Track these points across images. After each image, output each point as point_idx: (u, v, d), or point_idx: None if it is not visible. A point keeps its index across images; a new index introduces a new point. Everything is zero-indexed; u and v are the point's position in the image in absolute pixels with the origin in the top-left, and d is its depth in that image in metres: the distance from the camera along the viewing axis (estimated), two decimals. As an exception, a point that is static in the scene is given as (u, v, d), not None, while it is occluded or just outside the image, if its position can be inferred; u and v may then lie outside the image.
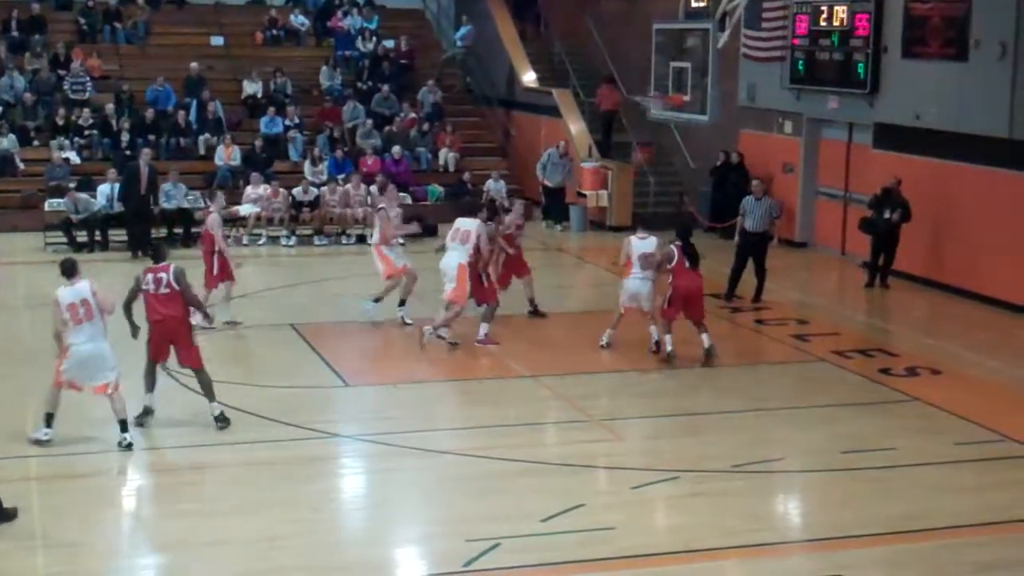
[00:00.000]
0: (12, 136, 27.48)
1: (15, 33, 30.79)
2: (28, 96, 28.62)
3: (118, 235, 24.30)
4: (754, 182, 21.20)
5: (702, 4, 24.56)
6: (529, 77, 31.53)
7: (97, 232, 24.42)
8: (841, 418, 14.17)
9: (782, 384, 15.74)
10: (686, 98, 21.17)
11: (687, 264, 16.15)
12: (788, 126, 25.58)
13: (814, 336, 18.06)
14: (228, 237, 19.78)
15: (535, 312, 18.79)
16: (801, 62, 24.15)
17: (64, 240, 24.09)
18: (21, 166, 27.15)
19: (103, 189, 24.84)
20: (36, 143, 27.88)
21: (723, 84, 21.52)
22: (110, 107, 28.56)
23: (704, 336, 16.23)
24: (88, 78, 29.62)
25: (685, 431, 13.81)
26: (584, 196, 27.56)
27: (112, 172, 25.07)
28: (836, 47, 23.30)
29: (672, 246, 16.30)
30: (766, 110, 25.63)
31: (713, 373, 15.91)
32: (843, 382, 15.76)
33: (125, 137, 27.91)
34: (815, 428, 13.81)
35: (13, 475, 11.79)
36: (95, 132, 28.07)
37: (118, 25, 32.07)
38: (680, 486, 11.85)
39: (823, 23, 23.56)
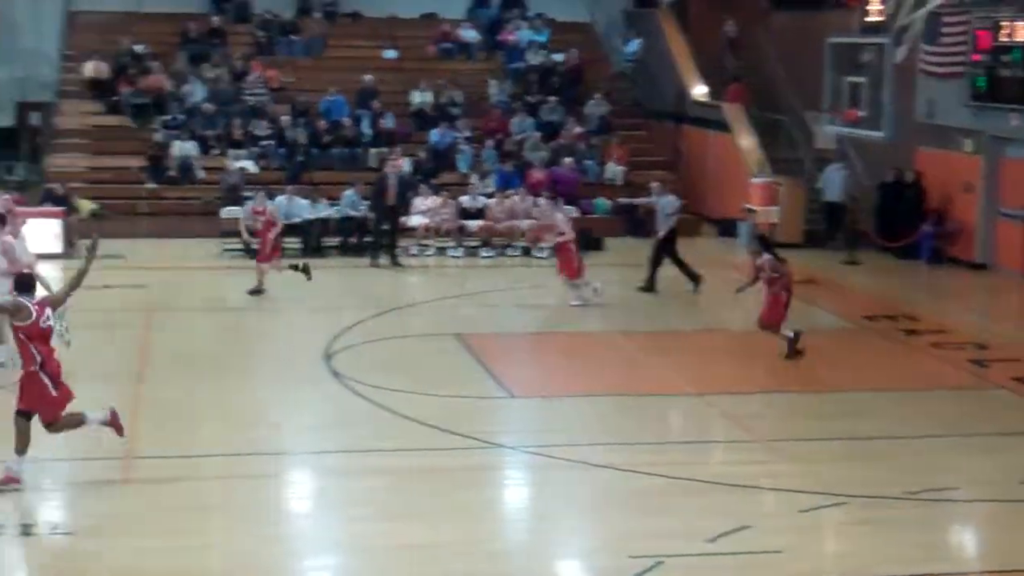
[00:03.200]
0: (192, 144, 28.27)
1: (195, 45, 31.65)
2: (208, 106, 29.40)
3: (292, 242, 24.82)
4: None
5: (879, 19, 24.07)
6: (699, 91, 31.28)
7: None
8: (1019, 448, 13.69)
9: (957, 410, 15.24)
10: (861, 114, 20.77)
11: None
12: (968, 144, 24.88)
13: (993, 362, 17.49)
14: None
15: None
16: (982, 78, 23.46)
17: (240, 247, 24.64)
18: (200, 174, 27.89)
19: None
20: (214, 151, 28.62)
21: (899, 100, 21.04)
22: (286, 118, 29.19)
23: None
24: (265, 89, 30.32)
25: (855, 455, 13.46)
26: (753, 211, 27.23)
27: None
28: (1018, 63, 22.60)
29: (766, 256, 16.57)
30: (945, 127, 24.97)
31: (885, 397, 15.50)
32: (1022, 410, 15.24)
33: (300, 147, 28.50)
34: (991, 457, 13.35)
35: (191, 474, 12.09)
36: (271, 142, 28.71)
37: (295, 38, 32.76)
38: (849, 511, 11.57)
39: (1004, 38, 22.87)
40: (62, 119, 30.09)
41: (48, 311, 11.85)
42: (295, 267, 21.29)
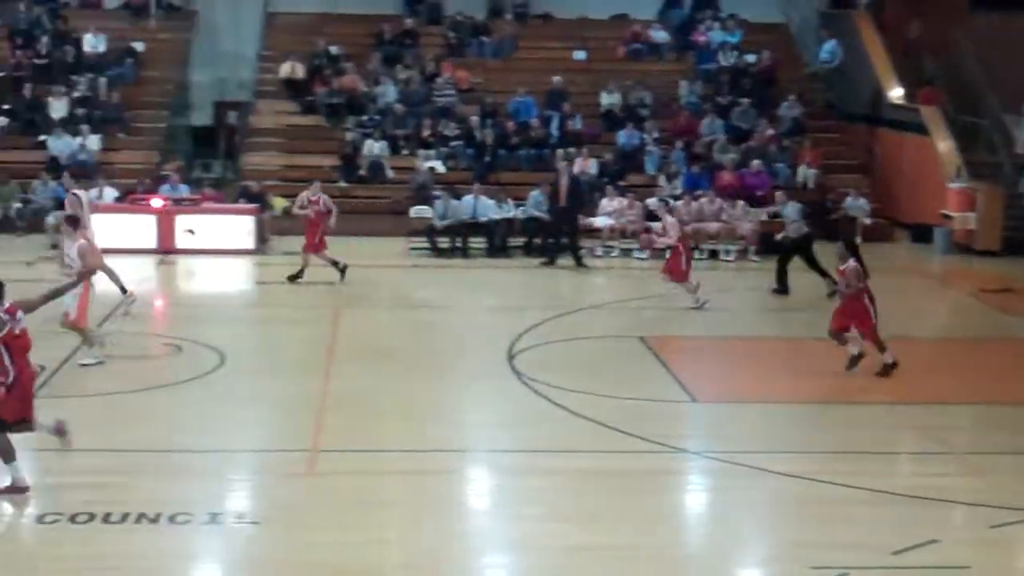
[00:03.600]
0: (383, 144, 28.73)
1: (388, 46, 32.16)
2: (399, 107, 29.83)
3: (478, 243, 25.05)
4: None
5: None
6: (895, 93, 30.50)
7: (458, 239, 25.22)
8: None
9: None
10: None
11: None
12: None
13: None
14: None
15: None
16: None
17: (427, 245, 24.98)
18: (390, 173, 28.32)
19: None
20: (404, 151, 29.03)
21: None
22: (475, 118, 29.43)
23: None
24: (455, 90, 30.63)
25: (1051, 470, 12.94)
26: (950, 218, 26.45)
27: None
28: None
29: (851, 263, 15.87)
30: None
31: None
32: None
33: (488, 148, 28.72)
34: None
35: (373, 468, 12.25)
36: (460, 142, 28.99)
37: (485, 39, 33.02)
38: (1043, 528, 11.12)
39: None
40: (258, 118, 30.90)
41: (20, 314, 11.56)
42: (335, 263, 21.82)
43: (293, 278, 21.65)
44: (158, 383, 15.29)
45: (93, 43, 31.27)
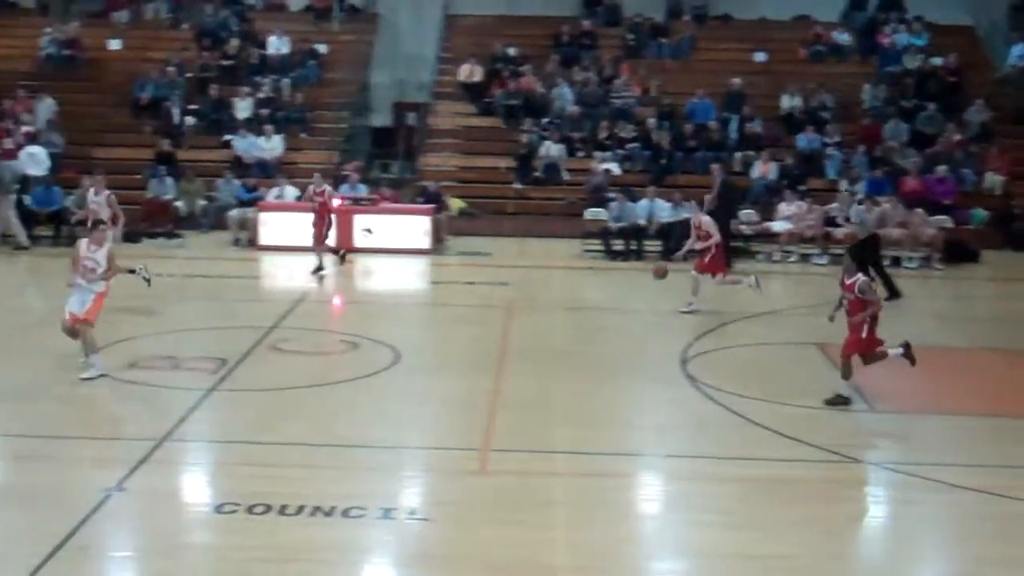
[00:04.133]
0: (560, 146, 28.77)
1: (566, 48, 32.19)
2: (576, 108, 29.83)
3: (653, 245, 24.88)
4: None
5: None
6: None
7: (633, 241, 25.10)
8: None
9: None
10: None
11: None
12: None
13: None
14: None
15: None
16: None
17: (601, 247, 24.91)
18: (565, 175, 28.34)
19: (643, 205, 25.50)
20: (580, 153, 29.01)
21: None
22: (651, 121, 29.27)
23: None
24: (632, 92, 30.50)
25: None
26: None
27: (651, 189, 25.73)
28: None
29: (861, 276, 14.84)
30: None
31: None
32: None
33: (664, 150, 28.54)
34: None
35: (543, 469, 12.23)
36: (636, 145, 28.85)
37: (664, 40, 32.82)
38: None
39: None
40: (436, 119, 31.24)
41: None
42: (336, 251, 22.83)
43: (316, 271, 22.36)
44: (334, 379, 15.52)
45: (277, 45, 32.00)
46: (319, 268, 22.48)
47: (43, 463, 12.18)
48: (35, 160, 26.97)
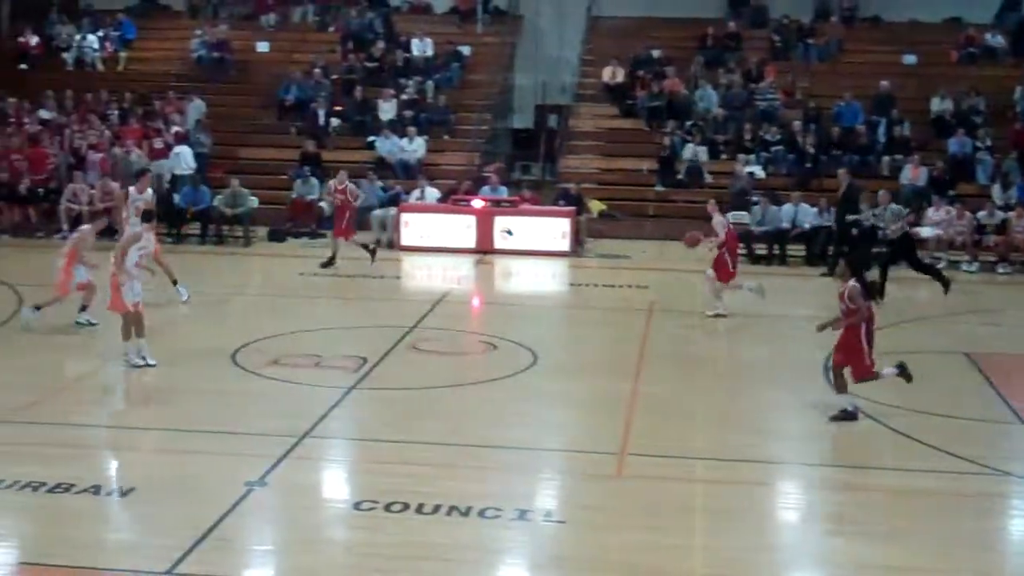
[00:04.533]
0: (702, 148, 28.53)
1: (711, 50, 31.92)
2: (719, 111, 29.57)
3: (796, 250, 24.53)
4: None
5: None
6: None
7: (776, 245, 24.79)
8: None
9: None
10: None
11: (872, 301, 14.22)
12: None
13: None
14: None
15: None
16: None
17: (744, 251, 24.62)
18: (708, 178, 28.09)
19: (787, 209, 25.17)
20: (723, 156, 28.74)
21: None
22: (797, 123, 28.86)
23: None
24: (778, 94, 30.12)
25: None
26: None
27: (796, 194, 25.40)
28: None
29: (852, 283, 14.04)
30: None
31: None
32: None
33: (810, 153, 28.13)
34: None
35: (680, 474, 12.12)
36: (781, 148, 28.48)
37: (811, 42, 32.36)
38: None
39: None
40: (577, 121, 31.22)
41: None
42: (365, 246, 23.09)
43: (326, 265, 22.71)
44: (472, 379, 15.60)
45: (421, 47, 32.27)
46: (331, 261, 22.90)
47: (189, 456, 12.43)
48: (182, 159, 27.59)
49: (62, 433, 13.07)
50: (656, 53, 31.67)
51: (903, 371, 14.32)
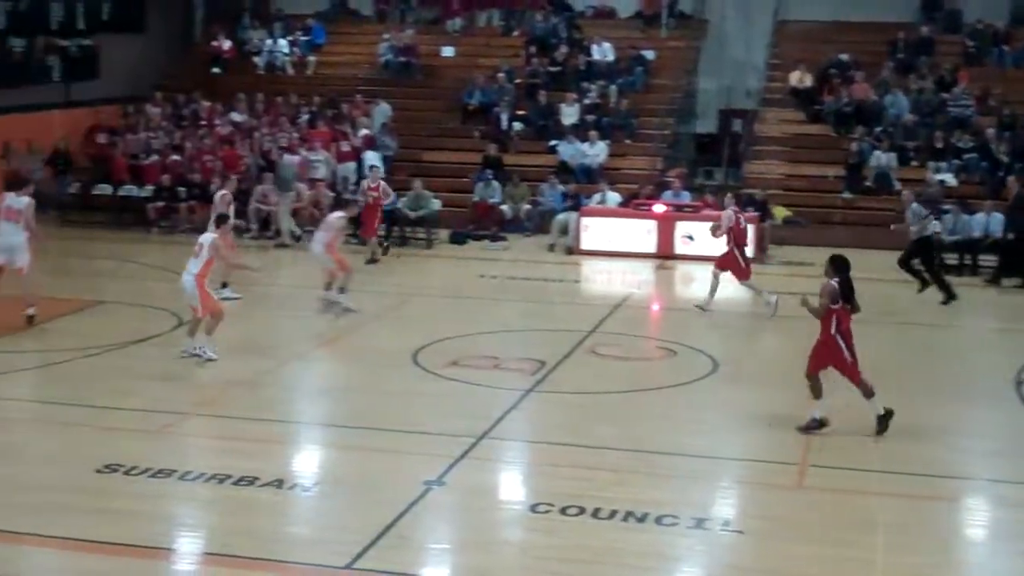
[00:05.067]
0: (892, 155, 27.88)
1: (902, 55, 31.19)
2: (910, 117, 28.87)
3: (988, 261, 23.80)
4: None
5: None
6: None
7: (968, 256, 24.10)
8: None
9: None
10: None
11: (848, 303, 13.60)
12: None
13: None
14: None
15: None
16: None
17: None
18: (897, 185, 27.42)
19: (979, 219, 24.44)
20: (913, 163, 28.04)
21: None
22: (991, 131, 28.00)
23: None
24: (971, 100, 29.28)
25: None
26: None
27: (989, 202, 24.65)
28: None
29: (831, 282, 13.43)
30: None
31: None
32: None
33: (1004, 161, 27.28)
34: None
35: (862, 487, 11.84)
36: (973, 155, 27.67)
37: (1006, 48, 31.38)
38: None
39: None
40: (763, 126, 30.82)
41: None
42: (384, 247, 24.47)
43: (370, 263, 23.22)
44: (650, 385, 15.51)
45: (604, 51, 32.24)
46: (373, 259, 23.51)
47: (370, 454, 12.64)
48: (369, 162, 28.02)
49: (246, 427, 13.40)
50: (845, 57, 31.04)
51: (884, 419, 13.49)
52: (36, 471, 11.92)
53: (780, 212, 26.63)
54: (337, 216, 19.72)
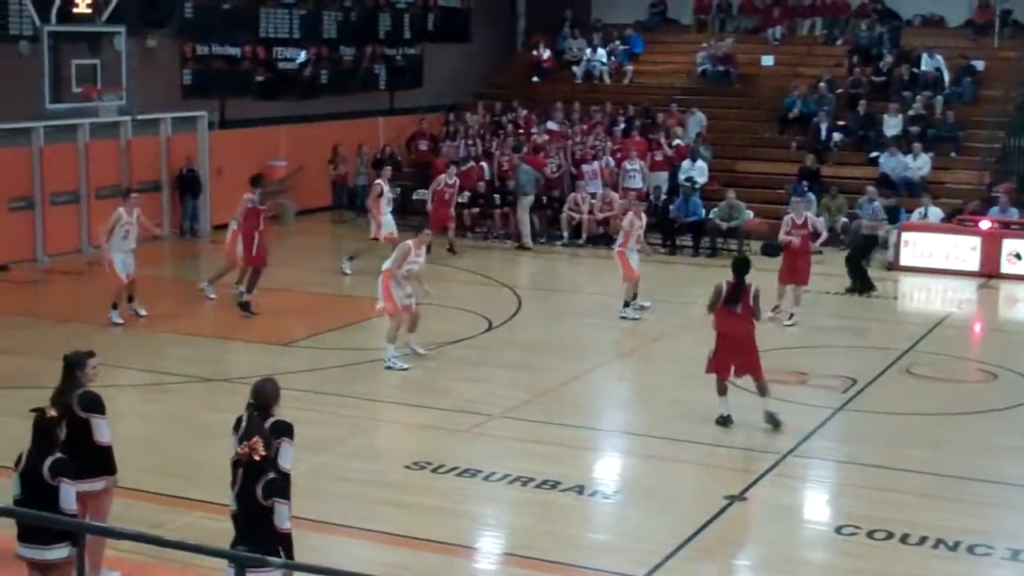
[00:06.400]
0: None
1: None
2: None
3: None
4: None
5: None
6: None
7: None
8: None
9: None
10: None
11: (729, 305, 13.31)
12: None
13: None
14: None
15: None
16: None
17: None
18: None
19: None
20: None
21: None
22: None
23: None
24: None
25: None
26: None
27: None
28: None
29: (723, 282, 12.98)
30: None
31: None
32: None
33: None
34: None
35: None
36: None
37: None
38: None
39: None
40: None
41: None
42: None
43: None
44: (967, 409, 14.86)
45: (930, 61, 31.15)
46: (451, 248, 24.34)
47: (671, 464, 12.58)
48: (695, 172, 27.92)
49: (550, 432, 13.53)
50: None
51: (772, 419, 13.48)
52: (347, 464, 12.37)
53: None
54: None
